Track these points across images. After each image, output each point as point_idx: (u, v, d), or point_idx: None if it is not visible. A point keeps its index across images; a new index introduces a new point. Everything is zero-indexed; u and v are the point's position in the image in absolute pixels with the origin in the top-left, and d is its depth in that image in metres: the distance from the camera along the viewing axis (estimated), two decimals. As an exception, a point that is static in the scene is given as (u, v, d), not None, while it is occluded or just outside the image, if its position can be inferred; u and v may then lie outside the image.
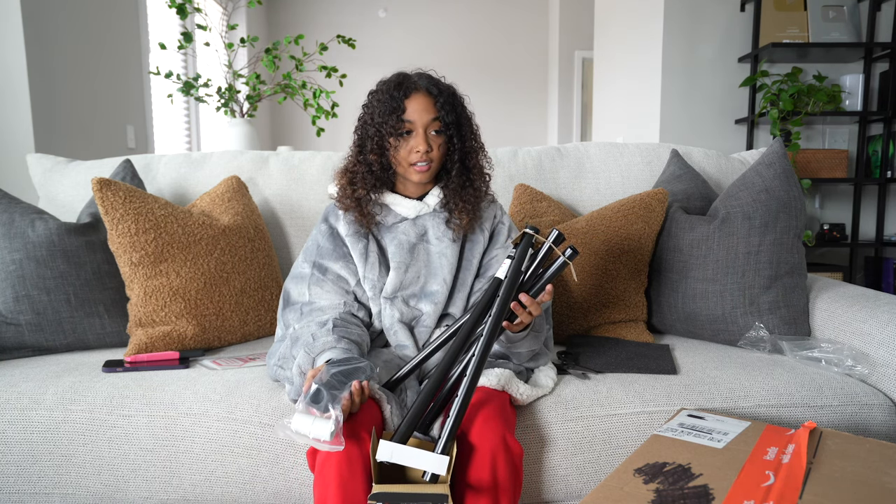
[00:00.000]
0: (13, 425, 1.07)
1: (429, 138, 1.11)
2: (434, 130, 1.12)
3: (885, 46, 2.86)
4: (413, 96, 1.11)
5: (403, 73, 1.16)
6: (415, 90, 1.11)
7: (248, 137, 2.67)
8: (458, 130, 1.14)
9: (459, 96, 1.17)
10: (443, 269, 1.18)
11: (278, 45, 2.72)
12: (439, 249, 1.18)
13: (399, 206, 1.18)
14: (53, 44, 2.41)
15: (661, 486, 0.72)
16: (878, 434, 1.09)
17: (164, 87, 3.64)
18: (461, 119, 1.15)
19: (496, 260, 1.22)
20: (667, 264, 1.44)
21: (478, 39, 5.91)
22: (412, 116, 1.10)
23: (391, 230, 1.19)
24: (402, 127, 1.10)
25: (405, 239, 1.18)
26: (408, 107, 1.10)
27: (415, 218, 1.19)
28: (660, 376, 1.15)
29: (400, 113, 1.10)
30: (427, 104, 1.11)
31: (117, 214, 1.30)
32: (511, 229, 1.26)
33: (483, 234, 1.22)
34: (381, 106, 1.11)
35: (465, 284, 1.20)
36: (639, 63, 3.36)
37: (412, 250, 1.18)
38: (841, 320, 1.28)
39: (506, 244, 1.23)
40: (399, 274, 1.16)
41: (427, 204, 1.19)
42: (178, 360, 1.23)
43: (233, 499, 1.05)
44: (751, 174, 1.38)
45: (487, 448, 0.89)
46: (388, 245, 1.18)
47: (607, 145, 1.76)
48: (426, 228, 1.19)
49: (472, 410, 0.96)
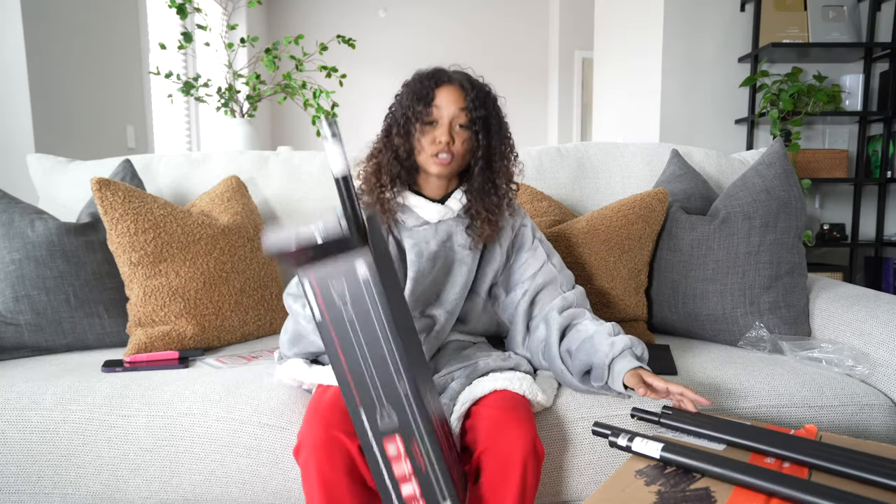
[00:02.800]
0: (13, 425, 1.06)
1: (453, 131, 1.08)
2: (459, 124, 1.09)
3: (885, 46, 2.86)
4: (444, 87, 1.09)
5: (440, 67, 1.14)
6: (447, 81, 1.09)
7: (248, 137, 2.67)
8: (485, 127, 1.11)
9: (494, 96, 1.13)
10: (462, 277, 1.15)
11: (278, 45, 2.72)
12: (461, 257, 1.15)
13: (421, 210, 1.14)
14: (53, 44, 2.41)
15: (663, 489, 0.72)
16: (879, 434, 1.09)
17: (164, 87, 3.64)
18: (491, 117, 1.11)
19: (528, 265, 1.19)
20: (667, 264, 1.44)
21: (478, 39, 5.91)
22: (440, 103, 1.08)
23: (411, 233, 1.14)
24: (428, 115, 1.08)
25: (425, 247, 1.14)
26: (437, 95, 1.08)
27: (437, 222, 1.15)
28: (660, 376, 1.15)
29: (428, 101, 1.08)
30: (456, 96, 1.08)
31: (116, 214, 1.30)
32: (535, 230, 1.23)
33: (500, 245, 1.18)
34: (412, 93, 1.09)
35: (478, 289, 1.18)
36: (639, 63, 3.35)
37: (432, 258, 1.14)
38: (841, 320, 1.28)
39: (532, 245, 1.20)
40: (417, 285, 1.13)
41: (451, 208, 1.15)
42: (177, 360, 1.23)
43: (232, 499, 1.05)
44: (751, 174, 1.38)
45: (521, 454, 0.89)
46: (408, 251, 1.14)
47: (607, 145, 1.76)
48: (450, 234, 1.15)
49: (502, 415, 0.94)
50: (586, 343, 1.06)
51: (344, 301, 0.72)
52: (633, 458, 0.81)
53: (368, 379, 0.73)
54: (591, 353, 1.04)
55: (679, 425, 0.87)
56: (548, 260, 1.20)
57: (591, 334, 1.07)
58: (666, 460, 0.77)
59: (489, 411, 0.95)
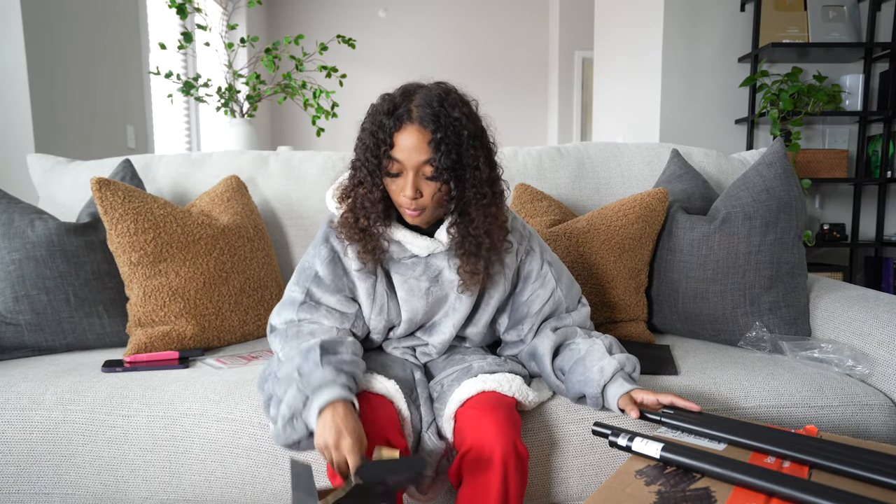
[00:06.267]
0: (13, 425, 1.06)
1: (419, 181, 0.95)
2: (425, 175, 0.94)
3: (885, 46, 2.86)
4: (405, 129, 0.93)
5: (407, 89, 0.98)
6: (408, 121, 0.93)
7: (248, 137, 2.67)
8: (455, 176, 0.95)
9: (467, 125, 0.94)
10: (457, 313, 1.08)
11: (278, 45, 2.72)
12: (455, 295, 1.07)
13: (410, 245, 1.04)
14: (53, 44, 2.41)
15: (663, 489, 0.72)
16: (879, 434, 1.09)
17: (164, 87, 3.64)
18: (464, 161, 0.95)
19: (536, 297, 1.10)
20: (667, 264, 1.44)
21: (478, 39, 5.91)
22: (400, 156, 0.93)
23: (400, 267, 1.06)
24: (390, 165, 0.94)
25: (416, 284, 1.06)
26: (397, 142, 0.93)
27: (427, 256, 1.06)
28: (660, 376, 1.15)
29: (387, 148, 0.94)
30: (419, 142, 0.92)
31: (116, 214, 1.30)
32: (544, 252, 1.13)
33: (504, 273, 1.09)
34: (371, 137, 0.96)
35: (478, 322, 1.12)
36: (639, 63, 3.36)
37: (426, 295, 1.07)
38: (841, 320, 1.28)
39: (541, 272, 1.11)
40: (411, 323, 1.08)
41: (440, 241, 1.04)
42: (177, 360, 1.23)
43: (232, 499, 1.05)
44: (751, 174, 1.38)
45: (499, 454, 0.88)
46: (399, 287, 1.06)
47: (607, 145, 1.76)
48: (440, 270, 1.06)
49: (482, 415, 0.93)
50: (578, 365, 1.03)
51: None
52: (633, 458, 0.81)
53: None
54: (584, 383, 1.01)
55: (680, 424, 0.87)
56: (557, 286, 1.12)
57: (583, 355, 1.04)
58: (666, 460, 0.77)
59: (471, 412, 0.95)
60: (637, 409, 0.94)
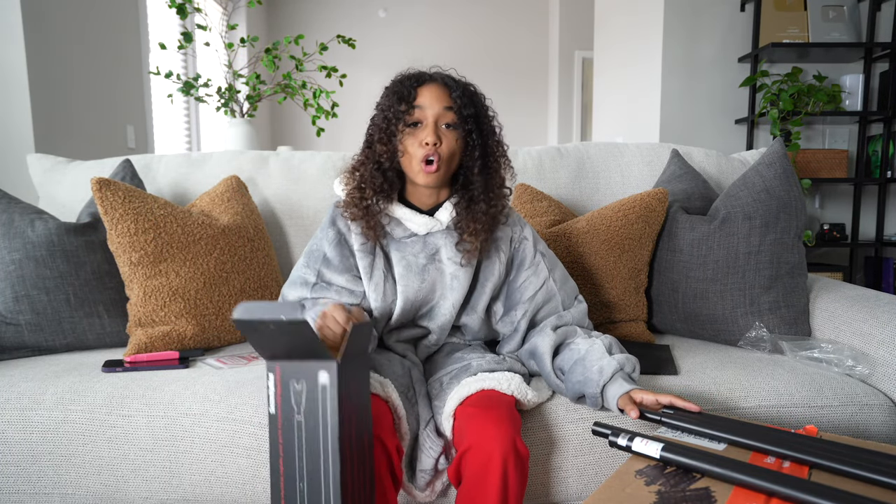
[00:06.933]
0: (13, 425, 1.07)
1: (439, 131, 1.02)
2: (446, 123, 1.02)
3: (885, 46, 2.86)
4: (426, 85, 1.03)
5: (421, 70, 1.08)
6: (429, 80, 1.04)
7: (248, 137, 2.67)
8: (477, 125, 1.04)
9: (480, 94, 1.07)
10: (454, 292, 1.10)
11: (278, 45, 2.72)
12: (452, 271, 1.10)
13: (409, 222, 1.09)
14: (53, 44, 2.41)
15: (663, 488, 0.72)
16: (879, 434, 1.09)
17: (164, 87, 3.64)
18: (481, 115, 1.05)
19: (528, 284, 1.13)
20: (667, 264, 1.44)
21: (478, 39, 5.91)
22: (423, 101, 1.01)
23: (400, 245, 1.10)
24: (411, 115, 1.01)
25: (414, 261, 1.09)
26: (419, 94, 1.02)
27: (425, 235, 1.10)
28: (660, 376, 1.15)
29: (410, 100, 1.01)
30: (440, 93, 1.02)
31: (116, 214, 1.30)
32: (537, 242, 1.17)
33: (499, 258, 1.13)
34: (392, 95, 1.03)
35: (476, 306, 1.14)
36: (639, 63, 3.36)
37: (422, 272, 1.09)
38: (841, 320, 1.28)
39: (534, 260, 1.15)
40: (406, 301, 1.10)
41: (439, 220, 1.09)
42: (177, 360, 1.23)
43: (232, 499, 1.05)
44: (751, 174, 1.38)
45: (499, 453, 0.88)
46: (396, 264, 1.10)
47: (607, 145, 1.76)
48: (437, 248, 1.10)
49: (481, 413, 0.93)
50: (578, 365, 1.04)
51: (299, 404, 0.75)
52: (633, 458, 0.81)
53: (298, 490, 0.75)
54: (584, 383, 1.01)
55: (680, 424, 0.87)
56: (549, 276, 1.15)
57: (583, 355, 1.05)
58: (666, 460, 0.77)
59: (470, 410, 0.95)
60: (637, 409, 0.94)
